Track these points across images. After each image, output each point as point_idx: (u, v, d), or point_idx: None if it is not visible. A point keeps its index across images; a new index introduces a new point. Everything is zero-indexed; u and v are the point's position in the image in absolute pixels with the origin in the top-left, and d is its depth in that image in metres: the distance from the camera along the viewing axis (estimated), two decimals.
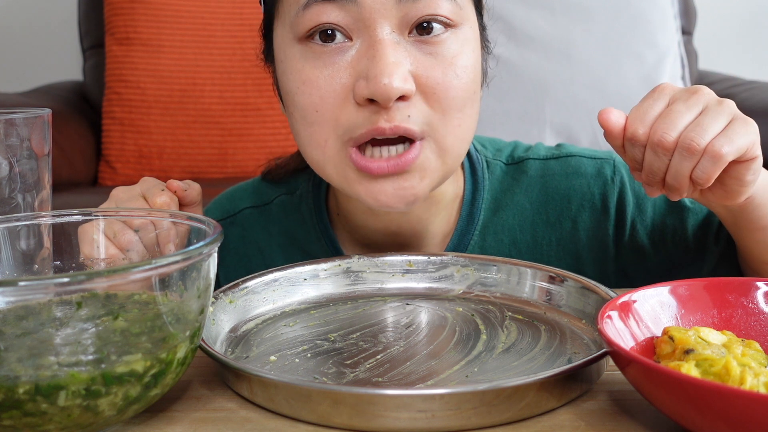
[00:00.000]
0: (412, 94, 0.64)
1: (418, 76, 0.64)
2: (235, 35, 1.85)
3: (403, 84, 0.62)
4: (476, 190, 0.80)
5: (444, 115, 0.65)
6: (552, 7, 1.82)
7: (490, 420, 0.45)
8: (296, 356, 0.56)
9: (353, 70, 0.64)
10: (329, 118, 0.65)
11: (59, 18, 2.22)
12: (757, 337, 0.51)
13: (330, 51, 0.65)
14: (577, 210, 0.79)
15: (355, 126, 0.64)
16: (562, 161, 0.81)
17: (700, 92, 0.59)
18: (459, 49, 0.66)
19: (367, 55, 0.63)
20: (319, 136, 0.67)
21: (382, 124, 0.63)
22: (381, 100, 0.62)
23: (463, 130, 0.67)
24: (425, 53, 0.65)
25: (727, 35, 2.25)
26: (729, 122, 0.57)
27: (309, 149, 0.69)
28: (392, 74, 0.62)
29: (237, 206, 0.87)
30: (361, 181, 0.66)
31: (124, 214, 0.59)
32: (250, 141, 1.82)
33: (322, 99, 0.65)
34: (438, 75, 0.65)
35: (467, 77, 0.66)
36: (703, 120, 0.57)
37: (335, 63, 0.65)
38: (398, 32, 0.64)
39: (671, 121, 0.57)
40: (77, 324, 0.43)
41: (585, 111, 1.78)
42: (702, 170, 0.56)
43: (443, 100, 0.65)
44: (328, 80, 0.65)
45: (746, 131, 0.57)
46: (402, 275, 0.71)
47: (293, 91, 0.67)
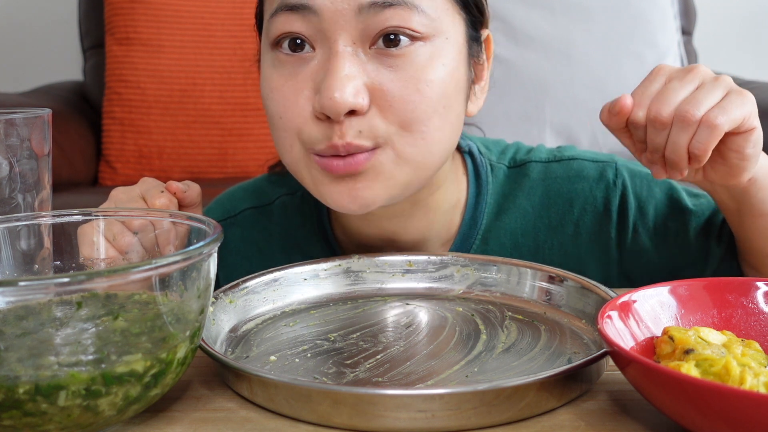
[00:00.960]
0: (363, 108, 0.62)
1: (374, 90, 0.63)
2: (235, 35, 1.85)
3: (353, 98, 0.61)
4: (480, 194, 0.80)
5: (402, 128, 0.64)
6: (552, 7, 1.82)
7: (490, 420, 0.45)
8: (296, 356, 0.56)
9: (313, 82, 0.64)
10: (292, 126, 0.66)
11: (59, 18, 2.22)
12: (757, 337, 0.51)
13: (295, 61, 0.65)
14: (579, 213, 0.79)
15: (315, 140, 0.65)
16: (564, 164, 0.81)
17: (696, 69, 0.60)
18: (426, 62, 0.64)
19: (324, 67, 0.63)
20: (285, 141, 0.67)
21: (335, 140, 0.63)
22: (331, 115, 0.62)
23: (429, 143, 0.65)
24: (386, 66, 0.63)
25: (727, 35, 2.25)
26: (725, 95, 0.58)
27: (280, 151, 0.70)
28: (343, 88, 0.61)
29: (238, 207, 0.87)
30: (323, 181, 0.66)
31: (124, 215, 0.59)
32: (250, 141, 1.82)
33: (285, 108, 0.66)
34: (396, 88, 0.63)
35: (432, 91, 0.64)
36: (698, 94, 0.58)
37: (298, 74, 0.65)
38: (359, 44, 0.63)
39: (666, 98, 0.59)
40: (77, 324, 0.43)
41: (585, 111, 1.78)
42: (699, 140, 0.58)
43: (401, 113, 0.63)
44: (291, 90, 0.65)
45: (742, 102, 0.58)
46: (402, 275, 0.71)
47: (265, 96, 0.68)
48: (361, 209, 0.66)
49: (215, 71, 1.83)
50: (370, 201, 0.66)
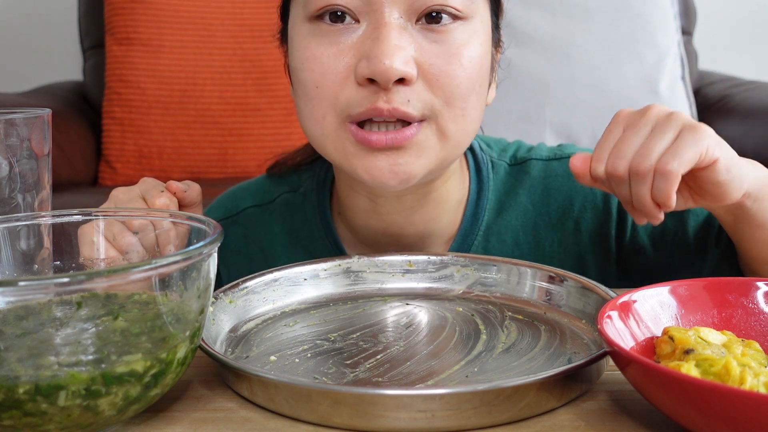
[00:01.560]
0: (413, 78, 0.64)
1: (421, 63, 0.65)
2: (235, 35, 1.85)
3: (403, 67, 0.63)
4: (481, 190, 0.80)
5: (446, 102, 0.66)
6: (552, 7, 1.82)
7: (490, 420, 0.45)
8: (296, 356, 0.56)
9: (357, 51, 0.65)
10: (329, 95, 0.66)
11: (59, 18, 2.22)
12: (757, 337, 0.51)
13: (337, 30, 0.66)
14: (579, 211, 0.79)
15: (354, 104, 0.65)
16: (564, 162, 0.81)
17: (649, 112, 0.60)
18: (466, 40, 0.66)
19: (372, 36, 0.64)
20: (317, 111, 0.67)
21: (380, 104, 0.64)
22: (381, 81, 0.63)
23: (467, 120, 0.67)
24: (431, 41, 0.65)
25: (727, 35, 2.25)
26: (677, 135, 0.58)
27: (308, 125, 0.69)
28: (393, 56, 0.62)
29: (239, 205, 0.87)
30: (358, 154, 0.67)
31: (124, 215, 0.59)
32: (250, 141, 1.82)
33: (323, 75, 0.66)
34: (442, 63, 0.65)
35: (472, 68, 0.66)
36: (649, 142, 0.58)
37: (340, 42, 0.65)
38: (406, 18, 0.65)
39: (620, 151, 0.59)
40: (77, 324, 0.43)
41: (585, 111, 1.78)
42: (657, 189, 0.57)
43: (446, 88, 0.65)
44: (331, 58, 0.65)
45: (694, 140, 0.57)
46: (402, 275, 0.71)
47: (298, 67, 0.68)
48: (401, 184, 0.67)
49: (215, 71, 1.83)
50: (411, 176, 0.67)
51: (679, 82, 1.86)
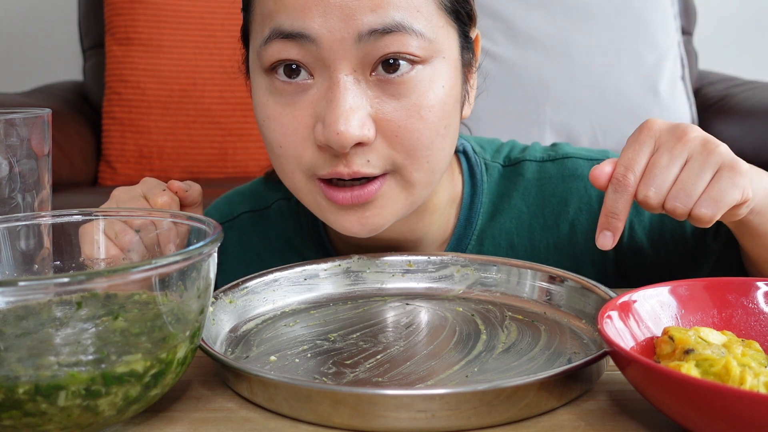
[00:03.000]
0: (370, 140, 0.62)
1: (379, 120, 0.63)
2: (235, 35, 1.82)
3: (359, 131, 0.61)
4: (475, 194, 0.80)
5: (408, 155, 0.64)
6: (552, 7, 1.82)
7: (490, 420, 0.45)
8: (296, 356, 0.56)
9: (313, 111, 0.63)
10: (293, 155, 0.65)
11: (59, 18, 2.22)
12: (757, 337, 0.51)
13: (292, 89, 0.64)
14: (574, 213, 0.79)
15: (317, 166, 0.64)
16: (558, 163, 0.81)
17: (685, 138, 0.56)
18: (426, 87, 0.63)
19: (326, 97, 0.62)
20: (286, 167, 0.67)
21: (341, 169, 0.63)
22: (337, 148, 0.61)
23: (432, 164, 0.66)
24: (388, 95, 0.63)
25: (727, 35, 2.25)
26: (715, 174, 0.55)
27: (281, 176, 0.69)
28: (348, 121, 0.60)
29: (235, 210, 0.87)
30: (330, 209, 0.66)
31: (125, 214, 0.59)
32: (250, 141, 1.82)
33: (284, 137, 0.65)
34: (401, 118, 0.63)
35: (434, 116, 0.64)
36: (688, 179, 0.55)
37: (297, 102, 0.64)
38: (360, 72, 0.62)
39: (654, 178, 0.56)
40: (77, 324, 0.43)
41: (585, 111, 1.78)
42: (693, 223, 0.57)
43: (407, 142, 0.63)
44: (290, 119, 0.64)
45: (733, 183, 0.55)
46: (402, 275, 0.71)
47: (260, 122, 0.67)
48: (370, 233, 0.67)
49: (215, 71, 1.83)
50: (378, 226, 0.67)
51: (679, 82, 1.86)
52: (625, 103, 1.79)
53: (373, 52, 0.61)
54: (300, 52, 0.62)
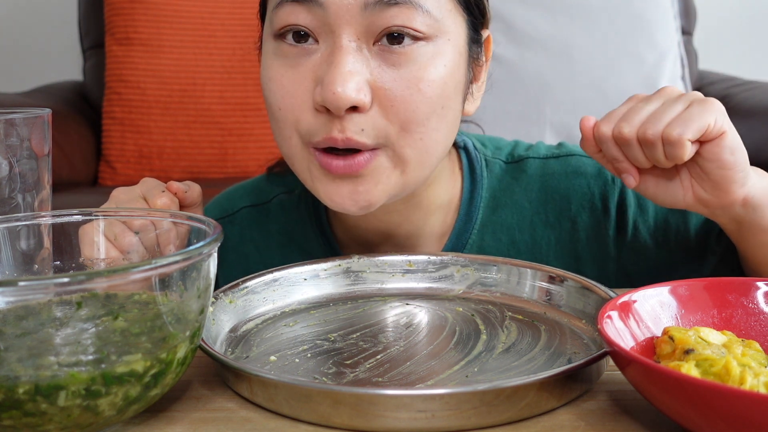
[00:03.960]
0: (366, 106, 0.63)
1: (376, 88, 0.63)
2: (235, 35, 1.85)
3: (355, 94, 0.61)
4: (474, 189, 0.80)
5: (402, 128, 0.64)
6: (552, 7, 1.82)
7: (490, 420, 0.45)
8: (296, 356, 0.56)
9: (314, 75, 0.64)
10: (291, 118, 0.66)
11: (59, 18, 2.22)
12: (757, 337, 0.51)
13: (297, 52, 0.65)
14: (576, 210, 0.79)
15: (313, 132, 0.65)
16: (562, 160, 0.81)
17: (663, 90, 0.63)
18: (427, 62, 0.64)
19: (327, 60, 0.63)
20: (284, 131, 0.67)
21: (335, 134, 0.63)
22: (332, 109, 0.62)
23: (426, 143, 0.66)
24: (389, 64, 0.64)
25: (727, 35, 2.25)
26: (687, 107, 0.60)
27: (278, 141, 0.69)
28: (345, 83, 0.61)
29: (236, 205, 0.87)
30: (321, 178, 0.67)
31: (125, 215, 0.59)
32: (250, 141, 1.82)
33: (284, 98, 0.66)
34: (398, 88, 0.63)
35: (432, 91, 0.64)
36: (657, 110, 0.61)
37: (300, 65, 0.65)
38: (363, 40, 0.63)
39: (627, 116, 0.61)
40: (77, 324, 0.43)
41: (585, 111, 1.78)
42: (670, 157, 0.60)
43: (401, 114, 0.64)
44: (291, 81, 0.65)
45: (702, 110, 0.59)
46: (402, 275, 0.71)
47: (263, 86, 0.68)
48: (360, 211, 0.67)
49: (215, 71, 1.83)
50: (370, 203, 0.66)
51: (679, 82, 1.86)
52: None
53: (378, 22, 0.63)
54: (308, 17, 0.63)
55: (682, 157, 0.59)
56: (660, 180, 0.64)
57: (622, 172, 0.64)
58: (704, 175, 0.61)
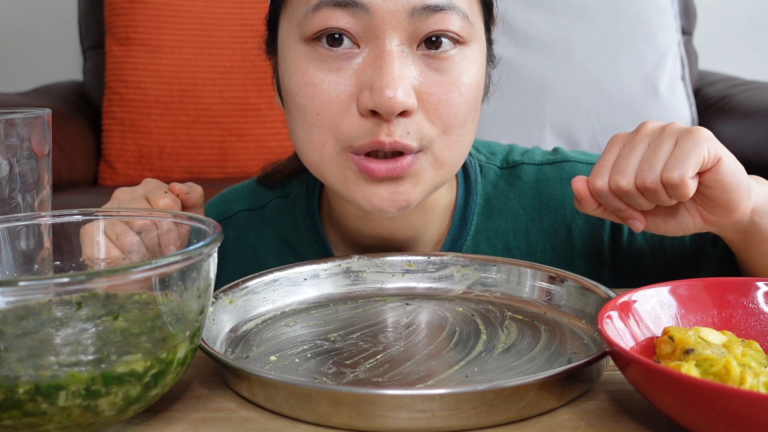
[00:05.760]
0: (414, 109, 0.63)
1: (421, 92, 0.64)
2: (235, 35, 1.85)
3: (406, 98, 0.62)
4: (469, 194, 0.80)
5: (444, 131, 0.66)
6: (552, 7, 1.82)
7: (490, 420, 0.45)
8: (296, 356, 0.56)
9: (358, 79, 0.64)
10: (330, 123, 0.65)
11: (59, 18, 2.22)
12: (757, 337, 0.51)
13: (336, 56, 0.64)
14: (571, 216, 0.79)
15: (356, 136, 0.64)
16: (557, 167, 0.81)
17: (642, 129, 0.60)
18: (466, 67, 0.66)
19: (373, 65, 0.63)
20: (317, 138, 0.66)
21: (382, 137, 0.63)
22: (384, 114, 0.62)
23: (461, 145, 0.68)
24: (431, 68, 0.65)
25: (727, 35, 2.25)
26: (675, 143, 0.58)
27: (305, 150, 0.68)
28: (397, 88, 0.61)
29: (232, 209, 0.87)
30: (358, 182, 0.66)
31: (125, 215, 0.59)
32: (250, 141, 1.82)
33: (324, 104, 0.65)
34: (441, 92, 0.64)
35: (470, 95, 0.66)
36: (649, 155, 0.58)
37: (340, 69, 0.64)
38: (407, 44, 0.64)
39: (619, 167, 0.59)
40: (77, 324, 0.43)
41: (585, 111, 1.78)
42: (674, 197, 0.58)
43: (444, 117, 0.65)
44: (332, 85, 0.64)
45: (693, 143, 0.57)
46: (402, 275, 0.71)
47: (294, 92, 0.67)
48: (399, 211, 0.67)
49: (215, 71, 1.83)
50: (409, 203, 0.67)
51: (679, 82, 1.86)
52: (625, 103, 1.79)
53: (423, 26, 0.63)
54: (350, 21, 0.63)
55: (687, 196, 0.57)
56: (667, 216, 0.63)
57: (628, 219, 0.62)
58: (710, 201, 0.60)
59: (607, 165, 0.60)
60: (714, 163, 0.58)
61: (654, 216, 0.62)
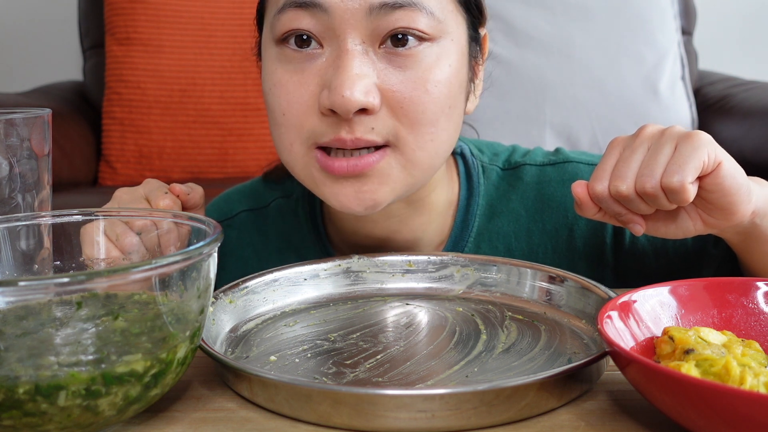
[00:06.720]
0: (375, 108, 0.63)
1: (384, 90, 0.64)
2: (235, 35, 1.85)
3: (364, 97, 0.62)
4: (471, 195, 0.80)
5: (413, 129, 0.65)
6: (552, 7, 1.82)
7: (490, 420, 0.45)
8: (296, 356, 0.56)
9: (320, 79, 0.64)
10: (295, 123, 0.66)
11: (59, 18, 2.22)
12: (757, 337, 0.51)
13: (302, 57, 0.65)
14: (573, 218, 0.79)
15: (318, 133, 0.65)
16: (558, 168, 0.80)
17: (642, 133, 0.60)
18: (433, 63, 0.65)
19: (333, 65, 0.63)
20: (285, 138, 0.67)
21: (343, 135, 0.63)
22: (340, 112, 0.62)
23: (436, 144, 0.67)
24: (395, 66, 0.64)
25: (727, 35, 2.25)
26: (675, 148, 0.58)
27: (279, 148, 0.69)
28: (353, 86, 0.61)
29: (234, 209, 0.87)
30: (325, 181, 0.67)
31: (125, 215, 0.59)
32: (250, 141, 1.82)
33: (289, 104, 0.65)
34: (406, 89, 0.64)
35: (439, 92, 0.65)
36: (648, 159, 0.58)
37: (305, 69, 0.65)
38: (368, 43, 0.64)
39: (619, 171, 0.59)
40: (77, 324, 0.43)
41: (585, 111, 1.78)
42: (674, 201, 0.58)
43: (411, 115, 0.64)
44: (296, 86, 0.65)
45: (692, 148, 0.57)
46: (402, 275, 0.71)
47: (266, 92, 0.68)
48: (366, 211, 0.67)
49: (215, 71, 1.83)
50: (376, 202, 0.66)
51: (679, 82, 1.86)
52: (625, 103, 1.79)
53: (383, 25, 0.63)
54: (311, 22, 0.63)
55: (687, 201, 0.57)
56: (668, 220, 0.63)
57: (628, 223, 0.62)
58: (710, 204, 0.60)
59: (607, 169, 0.60)
60: (714, 168, 0.57)
61: (654, 220, 0.62)
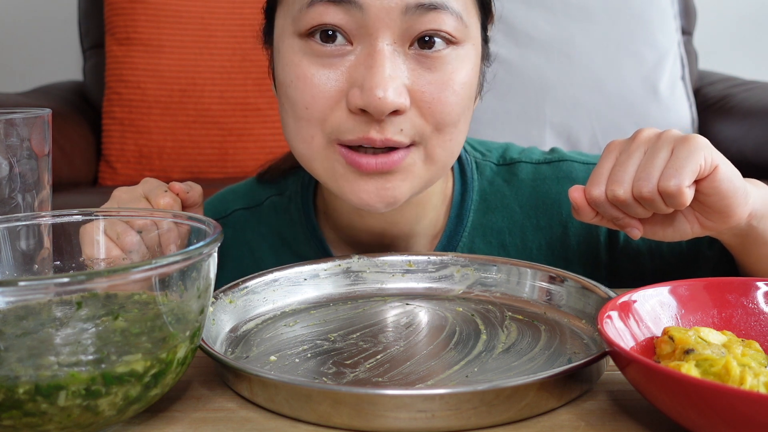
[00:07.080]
0: (406, 109, 0.64)
1: (413, 91, 0.64)
2: (235, 35, 1.85)
3: (397, 98, 0.62)
4: (465, 191, 0.80)
5: (437, 129, 0.66)
6: (552, 7, 1.82)
7: (490, 420, 0.45)
8: (296, 356, 0.56)
9: (349, 76, 0.64)
10: (318, 117, 0.65)
11: (59, 18, 2.22)
12: (757, 337, 0.51)
13: (329, 52, 0.65)
14: (567, 215, 0.79)
15: (344, 130, 0.65)
16: (554, 166, 0.81)
17: (638, 137, 0.60)
18: (458, 66, 0.66)
19: (365, 63, 0.63)
20: (305, 131, 0.67)
21: (373, 134, 0.64)
22: (374, 113, 0.62)
23: (454, 143, 0.68)
24: (424, 67, 0.65)
25: (727, 35, 2.25)
26: (671, 152, 0.58)
27: (295, 142, 0.69)
28: (387, 88, 0.61)
29: (228, 207, 0.87)
30: (347, 176, 0.66)
31: (125, 214, 0.59)
32: (250, 141, 1.82)
33: (313, 98, 0.65)
34: (434, 90, 0.65)
35: (463, 93, 0.66)
36: (645, 164, 0.58)
37: (333, 65, 0.65)
38: (399, 43, 0.64)
39: (616, 176, 0.59)
40: (77, 324, 0.43)
41: (585, 111, 1.78)
42: (671, 205, 0.58)
43: (438, 115, 0.65)
44: (323, 80, 0.65)
45: (689, 152, 0.57)
46: (402, 275, 0.71)
47: (286, 84, 0.67)
48: (386, 207, 0.67)
49: (215, 71, 1.83)
50: (396, 199, 0.67)
51: (679, 82, 1.86)
52: (625, 103, 1.79)
53: (416, 26, 0.63)
54: (344, 18, 0.63)
55: (684, 205, 0.57)
56: (665, 223, 0.63)
57: (626, 227, 0.62)
58: (707, 207, 0.60)
59: (604, 174, 0.60)
60: (710, 171, 0.57)
61: (652, 223, 0.62)
